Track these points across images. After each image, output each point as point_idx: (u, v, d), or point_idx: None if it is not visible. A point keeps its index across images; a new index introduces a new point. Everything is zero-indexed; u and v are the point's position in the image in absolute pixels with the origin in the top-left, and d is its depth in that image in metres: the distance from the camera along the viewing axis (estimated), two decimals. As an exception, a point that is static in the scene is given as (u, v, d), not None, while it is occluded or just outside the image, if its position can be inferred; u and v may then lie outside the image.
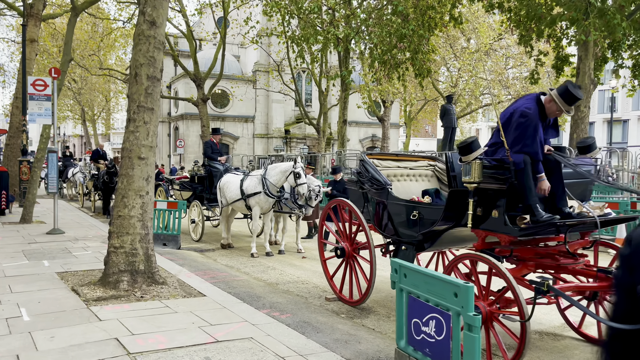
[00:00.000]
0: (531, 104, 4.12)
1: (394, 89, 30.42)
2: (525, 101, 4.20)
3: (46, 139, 12.47)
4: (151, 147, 6.40)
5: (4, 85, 32.10)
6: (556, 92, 4.06)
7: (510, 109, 4.21)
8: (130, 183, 6.19)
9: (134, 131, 6.28)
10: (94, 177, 16.59)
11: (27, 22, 16.92)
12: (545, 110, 4.18)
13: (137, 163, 6.23)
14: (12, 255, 8.11)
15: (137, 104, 6.29)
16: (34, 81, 10.48)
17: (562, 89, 4.06)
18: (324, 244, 6.78)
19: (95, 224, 12.69)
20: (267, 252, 9.20)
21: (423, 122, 60.90)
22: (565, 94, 4.02)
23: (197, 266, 7.97)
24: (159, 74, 6.53)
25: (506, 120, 4.13)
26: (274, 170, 9.05)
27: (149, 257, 6.27)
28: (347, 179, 6.74)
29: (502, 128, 4.01)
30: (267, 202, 9.05)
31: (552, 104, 4.12)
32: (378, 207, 5.78)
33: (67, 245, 9.21)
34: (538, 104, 4.16)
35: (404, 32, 16.33)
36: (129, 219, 6.14)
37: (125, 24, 30.14)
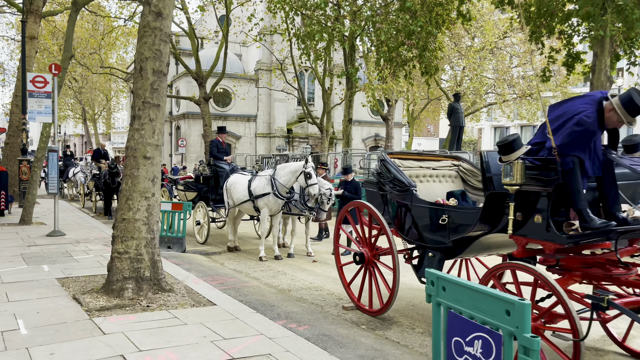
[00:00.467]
0: (591, 111, 3.62)
1: (398, 87, 30.06)
2: (584, 104, 3.70)
3: (46, 138, 12.09)
4: (157, 145, 6.03)
5: (3, 83, 31.68)
6: (618, 101, 3.58)
7: (565, 108, 3.78)
8: (135, 184, 5.81)
9: (139, 129, 5.91)
10: (95, 177, 16.21)
11: (27, 18, 16.57)
12: (605, 120, 3.69)
13: (143, 163, 5.86)
14: (10, 259, 7.74)
15: (143, 100, 5.92)
16: (33, 78, 10.10)
17: (626, 97, 3.57)
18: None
19: (96, 225, 12.31)
20: (276, 256, 8.82)
21: (425, 121, 60.55)
22: (628, 104, 3.55)
23: (204, 271, 7.59)
24: (165, 68, 6.16)
25: (555, 118, 3.73)
26: (284, 170, 8.68)
27: (155, 263, 5.90)
28: (365, 179, 6.37)
29: (550, 125, 3.62)
30: (277, 203, 8.68)
31: (613, 114, 3.63)
32: (400, 210, 5.41)
33: (68, 249, 8.83)
34: (598, 112, 3.66)
35: (413, 28, 15.95)
36: (133, 222, 5.77)
37: (127, 22, 29.79)
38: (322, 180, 8.81)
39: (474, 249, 4.57)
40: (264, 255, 8.74)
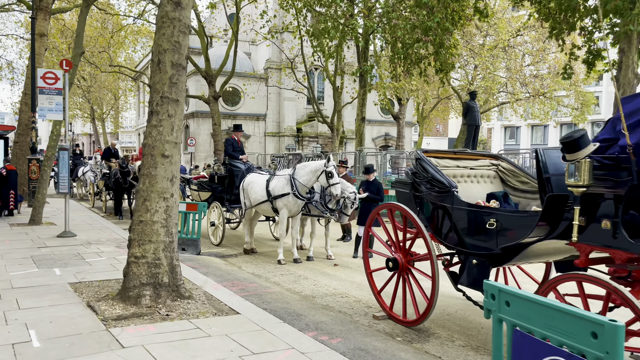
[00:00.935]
0: None
1: (410, 86, 29.62)
2: None
3: (56, 136, 11.81)
4: (176, 143, 5.68)
5: (12, 82, 31.55)
6: None
7: None
8: (152, 184, 5.47)
9: (156, 125, 5.56)
10: (105, 176, 15.92)
11: (36, 15, 16.33)
12: None
13: (161, 161, 5.51)
14: (21, 262, 7.43)
15: (161, 95, 5.57)
16: (44, 74, 9.79)
17: None
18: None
19: (107, 225, 12.01)
20: (295, 259, 8.46)
21: (435, 121, 60.02)
22: None
23: (223, 275, 7.24)
24: (184, 61, 5.81)
25: (631, 113, 3.32)
26: (304, 169, 8.30)
27: (174, 267, 5.55)
28: (395, 179, 5.98)
29: (625, 119, 3.22)
30: (296, 204, 8.31)
31: None
32: (436, 212, 5.02)
33: (80, 250, 8.52)
34: None
35: (430, 24, 15.54)
36: (151, 224, 5.42)
37: (136, 20, 29.57)
38: (345, 182, 8.44)
39: (525, 256, 4.18)
40: (282, 258, 8.38)
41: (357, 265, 8.36)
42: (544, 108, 35.15)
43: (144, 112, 49.33)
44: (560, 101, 35.42)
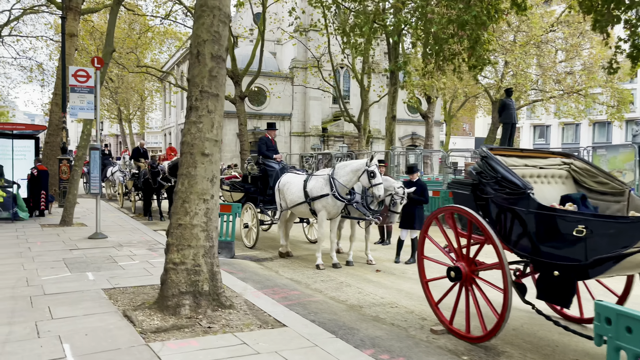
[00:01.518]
0: None
1: (440, 83, 28.89)
2: None
3: (87, 136, 11.63)
4: (216, 141, 5.30)
5: (43, 84, 31.96)
6: None
7: None
8: (192, 185, 5.09)
9: (196, 122, 5.18)
10: (134, 177, 15.76)
11: (66, 15, 16.30)
12: None
13: (201, 160, 5.13)
14: (53, 265, 7.17)
15: (200, 89, 5.19)
16: (75, 71, 9.58)
17: None
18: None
19: (137, 226, 11.78)
20: (334, 264, 8.01)
21: (462, 119, 58.91)
22: None
23: (261, 281, 6.84)
24: (224, 53, 5.42)
25: None
26: (344, 169, 7.85)
27: (214, 274, 5.16)
28: (452, 179, 5.49)
29: None
30: (336, 206, 7.86)
31: None
32: (504, 216, 4.51)
33: (112, 253, 8.24)
34: None
35: (466, 18, 14.90)
36: (190, 228, 5.04)
37: (163, 21, 29.60)
38: (389, 179, 7.95)
39: (622, 268, 3.64)
40: (321, 263, 7.94)
41: (401, 271, 7.87)
42: (578, 106, 33.94)
43: (169, 112, 49.66)
44: (595, 98, 34.16)
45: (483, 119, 63.40)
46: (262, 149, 9.99)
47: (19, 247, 8.58)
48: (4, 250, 8.25)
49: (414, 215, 8.22)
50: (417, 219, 8.23)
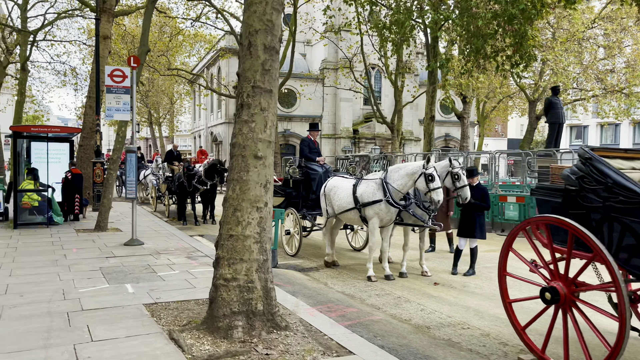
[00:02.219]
0: None
1: (477, 83, 27.92)
2: None
3: (122, 138, 11.30)
4: (270, 142, 4.74)
5: (76, 87, 32.30)
6: None
7: None
8: (244, 191, 4.54)
9: (247, 121, 4.64)
10: (168, 180, 15.46)
11: (100, 16, 16.16)
12: None
13: (253, 164, 4.58)
14: (90, 275, 6.75)
15: (252, 84, 4.65)
16: (111, 71, 9.23)
17: None
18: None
19: (173, 232, 11.38)
20: (387, 275, 7.37)
21: (495, 120, 57.48)
22: None
23: (312, 295, 6.27)
24: (278, 44, 4.86)
25: None
26: (398, 172, 7.22)
27: (269, 292, 4.60)
28: (537, 185, 4.82)
29: None
30: (389, 212, 7.22)
31: None
32: (612, 227, 3.81)
33: (149, 261, 7.80)
34: None
35: (514, 12, 14.05)
36: (243, 240, 4.50)
37: (194, 23, 29.52)
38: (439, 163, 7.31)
39: None
40: (373, 274, 7.31)
41: (461, 284, 7.18)
42: (620, 105, 32.44)
43: (199, 115, 49.82)
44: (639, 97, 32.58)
45: (517, 119, 61.73)
46: (305, 151, 9.44)
47: (54, 255, 8.24)
48: (40, 258, 7.91)
49: (474, 223, 7.52)
50: (477, 226, 7.52)
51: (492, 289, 6.88)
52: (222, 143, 40.45)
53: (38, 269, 7.16)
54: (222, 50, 35.64)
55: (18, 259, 7.82)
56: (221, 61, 39.38)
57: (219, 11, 28.30)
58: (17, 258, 7.91)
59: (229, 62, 38.29)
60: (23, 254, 8.23)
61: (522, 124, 74.61)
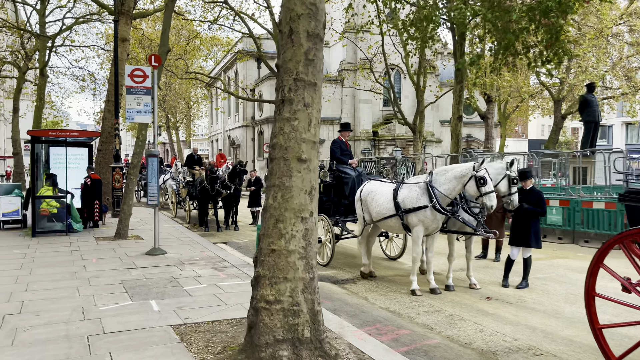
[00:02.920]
0: None
1: (502, 81, 27.06)
2: None
3: (142, 142, 10.82)
4: (315, 142, 4.15)
5: (94, 92, 32.20)
6: None
7: None
8: (287, 199, 3.95)
9: (289, 119, 4.05)
10: (188, 185, 15.00)
11: (119, 18, 15.83)
12: None
13: (297, 168, 3.99)
14: (111, 290, 6.23)
15: (295, 77, 4.06)
16: (132, 71, 8.75)
17: None
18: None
19: (196, 239, 10.86)
20: (433, 289, 6.71)
21: (517, 121, 56.34)
22: None
23: (355, 313, 5.65)
24: (322, 31, 4.27)
25: None
26: (445, 175, 6.56)
27: (316, 315, 3.99)
28: (626, 189, 4.16)
29: None
30: (435, 219, 6.57)
31: None
32: None
33: (174, 273, 7.26)
34: None
35: (550, 4, 13.28)
36: (286, 255, 3.90)
37: (211, 26, 29.20)
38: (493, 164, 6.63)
39: None
40: (417, 288, 6.65)
41: (517, 298, 6.48)
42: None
43: (216, 119, 49.62)
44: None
45: (538, 119, 60.39)
46: (336, 153, 8.83)
47: (73, 266, 7.75)
48: (59, 270, 7.43)
49: (529, 230, 6.82)
50: (532, 234, 6.82)
51: (553, 304, 6.19)
52: (240, 147, 40.09)
53: (56, 282, 6.67)
54: (240, 53, 35.32)
55: (35, 271, 7.35)
56: (238, 64, 39.07)
57: (237, 13, 27.93)
58: (34, 270, 7.44)
59: (246, 65, 37.95)
60: (40, 265, 7.77)
61: (542, 124, 73.12)
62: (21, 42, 29.36)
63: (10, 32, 29.16)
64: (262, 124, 36.37)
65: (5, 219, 12.22)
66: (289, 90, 4.08)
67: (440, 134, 39.36)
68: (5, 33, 30.10)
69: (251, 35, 28.36)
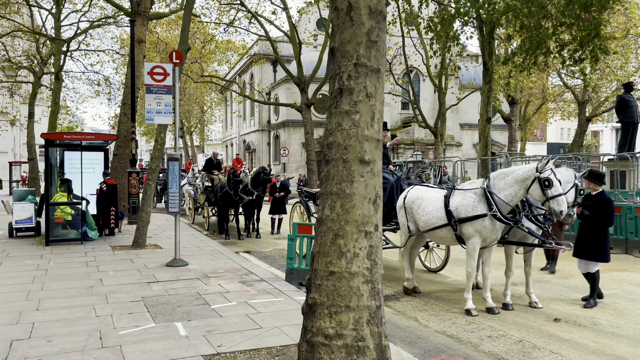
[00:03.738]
0: None
1: (529, 82, 26.16)
2: None
3: (161, 145, 10.21)
4: (378, 141, 3.45)
5: (109, 97, 31.90)
6: None
7: None
8: (347, 210, 3.25)
9: (349, 112, 3.35)
10: (207, 190, 14.37)
11: (135, 19, 15.36)
12: None
13: (359, 171, 3.29)
14: (131, 308, 5.57)
15: (355, 61, 3.36)
16: (152, 69, 8.13)
17: None
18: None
19: (218, 248, 10.20)
20: (490, 308, 5.94)
21: (537, 124, 55.17)
22: None
23: (410, 339, 4.90)
24: (385, 8, 3.57)
25: None
26: (504, 179, 5.81)
27: (383, 352, 3.27)
28: None
29: None
30: (495, 230, 5.81)
31: None
32: None
33: (199, 288, 6.59)
34: None
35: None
36: (348, 278, 3.19)
37: (227, 28, 28.76)
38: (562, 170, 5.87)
39: None
40: (472, 307, 5.89)
41: (588, 320, 5.69)
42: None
43: (231, 123, 49.19)
44: None
45: (558, 123, 59.09)
46: (372, 156, 8.08)
47: (89, 279, 7.12)
48: (73, 284, 6.80)
49: (591, 241, 6.03)
50: (592, 245, 6.04)
51: (634, 327, 5.39)
52: (255, 151, 39.55)
53: (70, 299, 6.03)
54: (256, 56, 34.84)
55: (48, 285, 6.73)
56: (254, 68, 38.58)
57: (253, 15, 27.46)
58: (47, 284, 6.82)
59: (261, 69, 37.44)
60: (54, 279, 7.15)
61: (562, 128, 71.66)
62: (37, 46, 29.17)
63: (26, 36, 29.00)
64: (278, 128, 35.78)
65: (18, 227, 11.69)
66: (349, 77, 3.38)
67: (460, 137, 38.45)
68: (21, 38, 29.97)
69: (268, 37, 27.86)
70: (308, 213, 9.57)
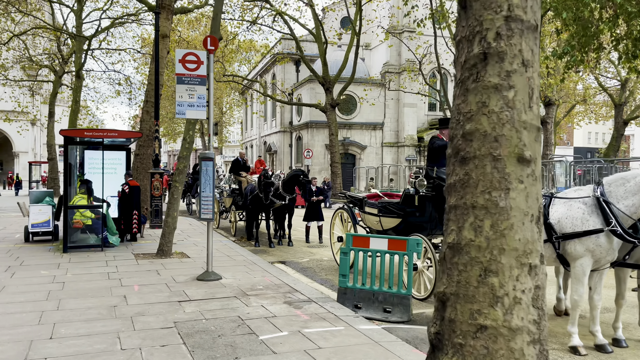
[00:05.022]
0: None
1: (570, 81, 24.81)
2: None
3: (190, 144, 9.25)
4: (539, 129, 2.35)
5: (130, 96, 31.31)
6: None
7: None
8: (502, 232, 2.17)
9: (499, 87, 2.27)
10: (234, 193, 13.40)
11: (160, 11, 14.53)
12: None
13: (516, 174, 2.21)
14: (163, 339, 4.56)
15: (505, 14, 2.28)
16: (184, 56, 7.14)
17: None
18: None
19: (251, 258, 9.19)
20: (600, 345, 4.80)
21: (565, 127, 53.40)
22: None
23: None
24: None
25: None
26: (624, 186, 4.67)
27: None
28: None
29: None
30: (612, 249, 4.67)
31: None
32: None
33: (239, 311, 5.56)
34: None
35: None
36: (508, 337, 2.11)
37: (249, 27, 27.93)
38: None
39: None
40: (580, 344, 4.75)
41: None
42: None
43: (251, 125, 48.43)
44: None
45: (586, 126, 57.15)
46: (434, 156, 6.97)
47: (111, 296, 6.15)
48: (93, 303, 5.83)
49: None
50: None
51: None
52: (276, 153, 38.65)
53: (90, 323, 5.05)
54: (279, 55, 33.98)
55: (64, 304, 5.77)
56: (276, 67, 37.73)
57: (277, 12, 26.57)
58: (63, 302, 5.86)
59: (284, 68, 36.57)
60: (71, 295, 6.20)
61: (589, 132, 69.47)
62: (58, 44, 28.67)
63: (47, 35, 28.54)
64: (300, 129, 34.81)
65: (35, 230, 10.85)
66: (497, 37, 2.30)
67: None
68: (41, 36, 29.54)
69: (293, 35, 26.92)
70: (354, 221, 8.49)
